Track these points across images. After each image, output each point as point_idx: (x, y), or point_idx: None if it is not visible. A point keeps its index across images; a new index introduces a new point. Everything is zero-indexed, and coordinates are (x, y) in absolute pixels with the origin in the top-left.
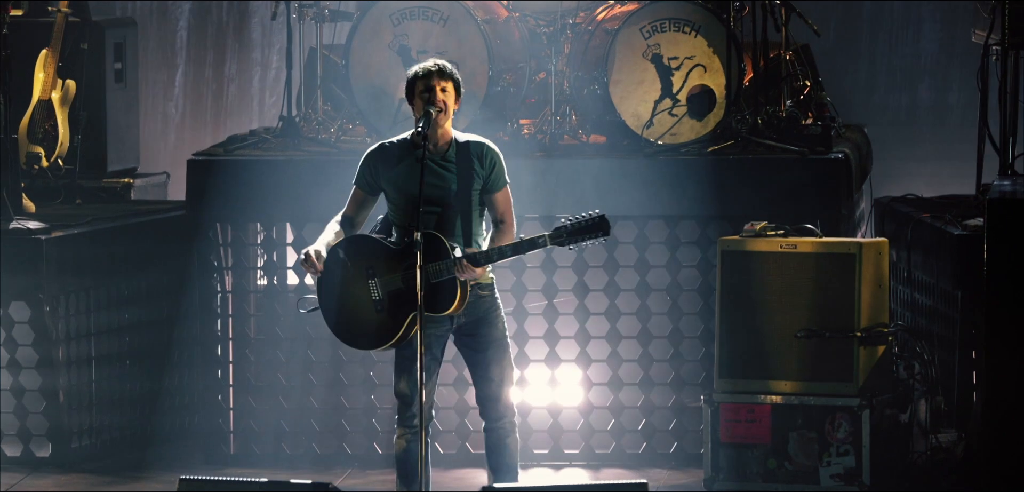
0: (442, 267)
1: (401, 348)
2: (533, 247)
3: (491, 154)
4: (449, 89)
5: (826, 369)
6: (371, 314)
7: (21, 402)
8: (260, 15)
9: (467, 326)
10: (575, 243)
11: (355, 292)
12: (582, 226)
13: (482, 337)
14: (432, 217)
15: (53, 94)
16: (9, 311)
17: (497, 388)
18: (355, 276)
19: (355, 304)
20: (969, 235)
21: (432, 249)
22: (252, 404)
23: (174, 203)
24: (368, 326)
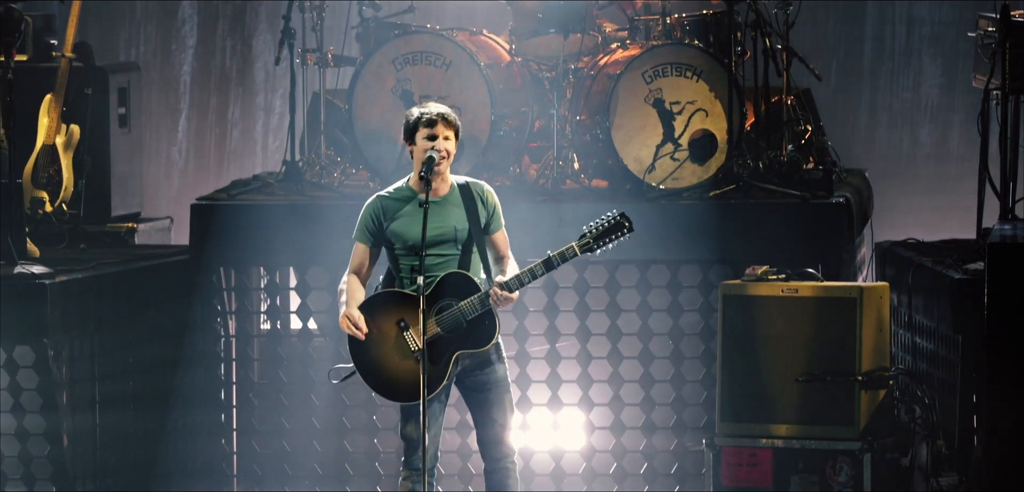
0: (476, 302)
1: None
2: (564, 260)
3: (490, 194)
4: (451, 137)
5: (827, 413)
6: (412, 365)
7: (25, 446)
8: (263, 60)
9: (470, 368)
10: (602, 246)
11: (392, 349)
12: (606, 228)
13: (484, 379)
14: (451, 259)
15: (57, 139)
16: (13, 355)
17: (499, 430)
18: (388, 333)
19: (395, 360)
20: (970, 279)
21: (462, 287)
22: (255, 448)
23: (178, 248)
24: (411, 376)
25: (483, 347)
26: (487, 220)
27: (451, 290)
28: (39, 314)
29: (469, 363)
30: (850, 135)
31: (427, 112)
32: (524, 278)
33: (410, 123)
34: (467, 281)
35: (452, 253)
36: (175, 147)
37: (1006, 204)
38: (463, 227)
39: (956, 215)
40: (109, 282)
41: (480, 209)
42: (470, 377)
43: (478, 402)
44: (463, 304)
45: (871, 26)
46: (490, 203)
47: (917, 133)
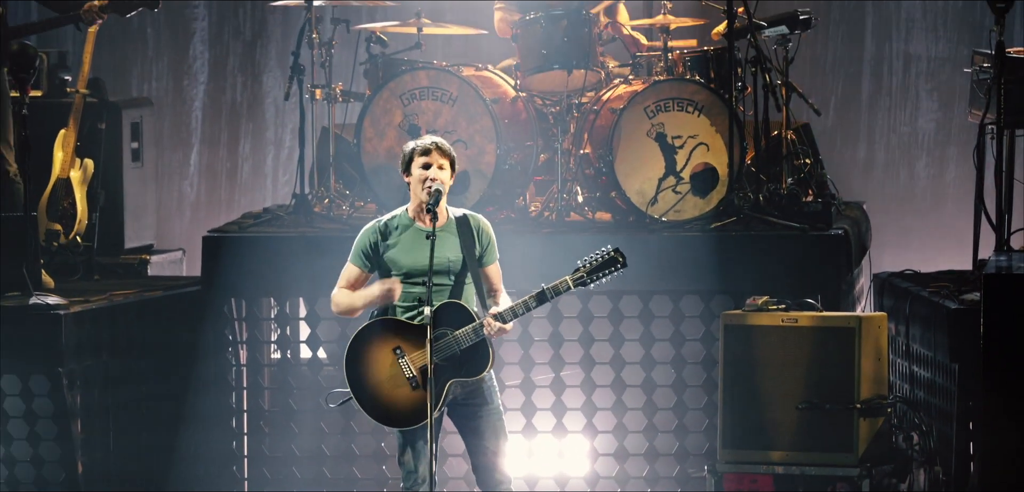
0: (470, 332)
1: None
2: (557, 294)
3: (484, 226)
4: (446, 166)
5: (827, 440)
6: (408, 392)
7: (41, 472)
8: (273, 95)
9: (462, 397)
10: (595, 280)
11: (388, 375)
12: (599, 263)
13: (477, 408)
14: (444, 288)
15: (72, 173)
16: (29, 383)
17: (492, 458)
18: (384, 360)
19: (390, 387)
20: (966, 309)
21: (457, 317)
22: (266, 474)
23: (190, 279)
24: (407, 403)
25: (476, 376)
26: (481, 253)
27: (446, 319)
28: (54, 343)
29: (461, 392)
30: (848, 168)
31: (422, 142)
32: (517, 310)
33: (406, 154)
34: (462, 311)
35: (445, 283)
36: (187, 180)
37: (1001, 236)
38: (457, 258)
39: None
40: (122, 312)
41: (475, 242)
42: (463, 407)
43: (471, 431)
44: (458, 333)
45: (869, 62)
46: (485, 237)
47: (914, 167)
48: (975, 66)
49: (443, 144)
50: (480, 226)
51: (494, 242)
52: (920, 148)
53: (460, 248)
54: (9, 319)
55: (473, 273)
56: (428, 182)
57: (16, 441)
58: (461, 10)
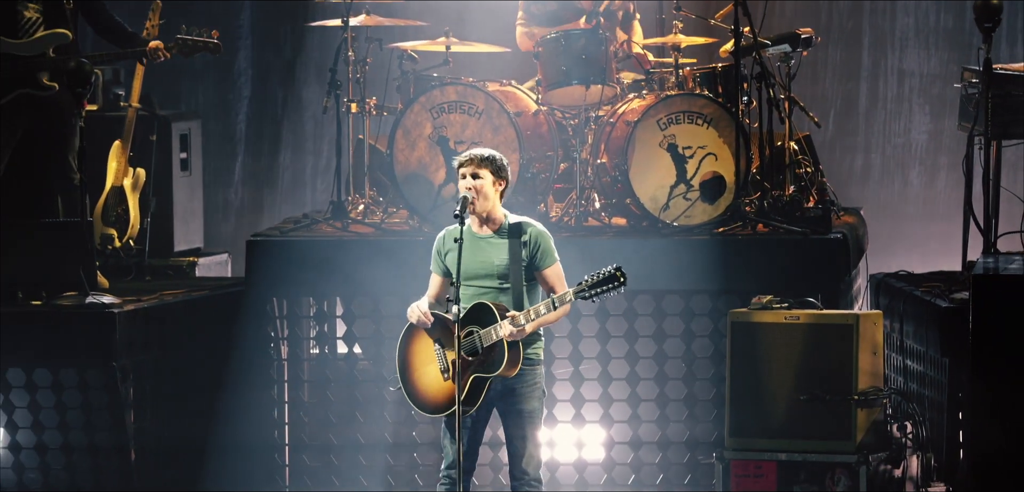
0: (491, 332)
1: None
2: (562, 303)
3: (534, 233)
4: (483, 174)
5: (826, 429)
6: (441, 382)
7: (96, 461)
8: (312, 109)
9: (501, 392)
10: (597, 295)
11: (428, 365)
12: (601, 280)
13: (512, 405)
14: (489, 291)
15: (125, 181)
16: (85, 377)
17: (520, 452)
18: (427, 351)
19: (429, 376)
20: (956, 308)
21: (484, 317)
22: (306, 461)
23: (234, 280)
24: (439, 393)
25: (493, 373)
26: (530, 257)
27: (475, 318)
28: (108, 340)
29: (500, 388)
30: (847, 177)
31: (461, 156)
32: (531, 315)
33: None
34: (489, 312)
35: (491, 286)
36: (231, 188)
37: (988, 239)
38: (503, 263)
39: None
40: (172, 311)
41: (523, 248)
42: (501, 402)
43: (510, 424)
44: (482, 332)
45: (866, 78)
46: (532, 242)
47: (908, 175)
48: (964, 81)
49: (476, 154)
50: (531, 233)
51: (546, 247)
52: (913, 158)
53: (507, 253)
54: (67, 317)
55: (515, 277)
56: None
57: (73, 430)
58: (486, 29)
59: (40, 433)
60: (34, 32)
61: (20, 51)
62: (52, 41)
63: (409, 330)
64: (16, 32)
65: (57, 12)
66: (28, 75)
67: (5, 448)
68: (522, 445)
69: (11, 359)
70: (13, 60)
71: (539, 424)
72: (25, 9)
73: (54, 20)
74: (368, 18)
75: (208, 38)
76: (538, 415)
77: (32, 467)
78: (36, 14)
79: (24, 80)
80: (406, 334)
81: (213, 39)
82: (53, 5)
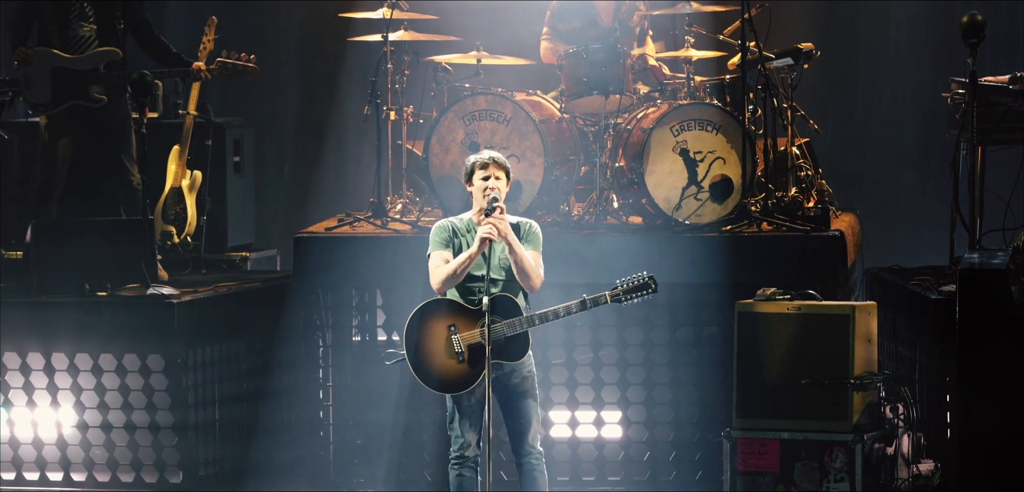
0: (516, 323)
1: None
2: (596, 306)
3: (528, 228)
4: (502, 177)
5: (825, 410)
6: (454, 364)
7: (157, 438)
8: (355, 116)
9: (504, 374)
10: (629, 300)
11: (440, 347)
12: (635, 286)
13: (515, 386)
14: (497, 282)
15: (183, 182)
16: (147, 362)
17: (523, 429)
18: (440, 334)
19: (441, 357)
20: (944, 299)
21: (507, 308)
22: (348, 439)
23: (283, 273)
24: (451, 373)
25: (515, 361)
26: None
27: (498, 309)
28: (168, 328)
29: (504, 371)
30: (844, 179)
31: (481, 157)
32: (560, 312)
33: (468, 167)
34: (513, 304)
35: (499, 277)
36: (281, 189)
37: (973, 237)
38: (507, 258)
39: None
40: (225, 301)
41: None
42: (503, 384)
43: (507, 406)
44: (504, 323)
45: (862, 88)
46: (525, 235)
47: (900, 177)
48: (952, 91)
49: (499, 158)
50: (525, 229)
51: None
52: (905, 161)
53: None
54: (130, 307)
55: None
56: (487, 191)
57: (135, 411)
58: (514, 44)
59: (105, 413)
60: (88, 49)
61: (75, 65)
62: (104, 57)
63: (420, 312)
64: (71, 48)
65: (109, 31)
66: (81, 88)
67: (73, 427)
68: (526, 424)
69: (79, 345)
70: (69, 74)
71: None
72: (80, 28)
73: (106, 38)
74: (406, 33)
75: (247, 62)
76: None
77: (98, 444)
78: (90, 32)
79: (77, 92)
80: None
81: (251, 64)
82: (105, 25)
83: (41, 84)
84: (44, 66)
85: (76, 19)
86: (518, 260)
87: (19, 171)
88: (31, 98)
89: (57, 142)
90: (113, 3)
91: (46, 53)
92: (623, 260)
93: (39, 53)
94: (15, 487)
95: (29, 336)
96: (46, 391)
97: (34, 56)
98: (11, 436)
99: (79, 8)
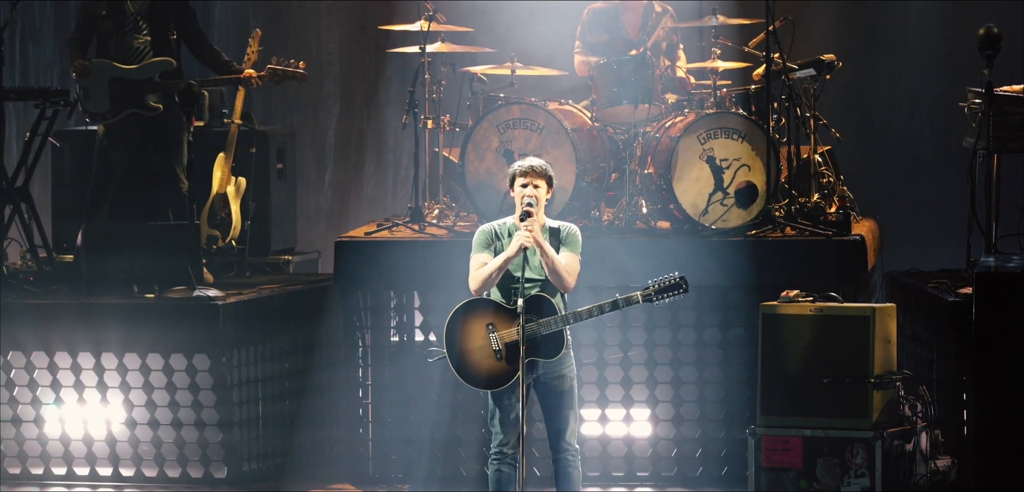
0: (551, 321)
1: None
2: (628, 305)
3: (568, 232)
4: (541, 185)
5: (846, 408)
6: (492, 361)
7: (202, 434)
8: (393, 125)
9: (543, 374)
10: (661, 300)
11: (479, 345)
12: (666, 286)
13: (555, 386)
14: (536, 283)
15: (228, 188)
16: (193, 361)
17: (561, 427)
18: (478, 331)
19: (479, 354)
20: (961, 301)
21: (543, 308)
22: (386, 434)
23: (324, 276)
24: (489, 370)
25: (551, 358)
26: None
27: (534, 308)
28: (214, 328)
29: (543, 371)
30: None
31: (522, 164)
32: (593, 311)
33: (511, 173)
34: (548, 304)
35: (537, 278)
36: (322, 195)
37: (989, 241)
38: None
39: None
40: (269, 303)
41: (560, 246)
42: (544, 382)
43: (547, 403)
44: (541, 322)
45: (882, 97)
46: (564, 239)
47: (918, 184)
48: (969, 101)
49: (538, 166)
50: (562, 232)
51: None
52: (923, 169)
53: None
54: (177, 309)
55: None
56: (525, 198)
57: (182, 408)
58: (547, 55)
59: (152, 411)
60: (143, 59)
61: (132, 75)
62: (159, 67)
63: (460, 311)
64: (128, 59)
65: (163, 42)
66: (137, 97)
67: (122, 424)
68: (565, 421)
69: (128, 345)
70: (126, 83)
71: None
72: (136, 40)
73: (161, 49)
74: (443, 45)
75: (296, 69)
76: (576, 392)
77: (145, 440)
78: (145, 44)
79: (134, 101)
80: (458, 314)
81: (300, 70)
82: (160, 35)
83: (99, 94)
84: (102, 77)
85: (131, 31)
86: (550, 263)
87: (71, 178)
88: (90, 108)
89: (112, 150)
90: (166, 15)
91: (104, 65)
92: (652, 263)
93: (97, 65)
94: (66, 482)
95: (80, 336)
96: (96, 389)
97: (93, 68)
98: (62, 433)
99: (134, 21)
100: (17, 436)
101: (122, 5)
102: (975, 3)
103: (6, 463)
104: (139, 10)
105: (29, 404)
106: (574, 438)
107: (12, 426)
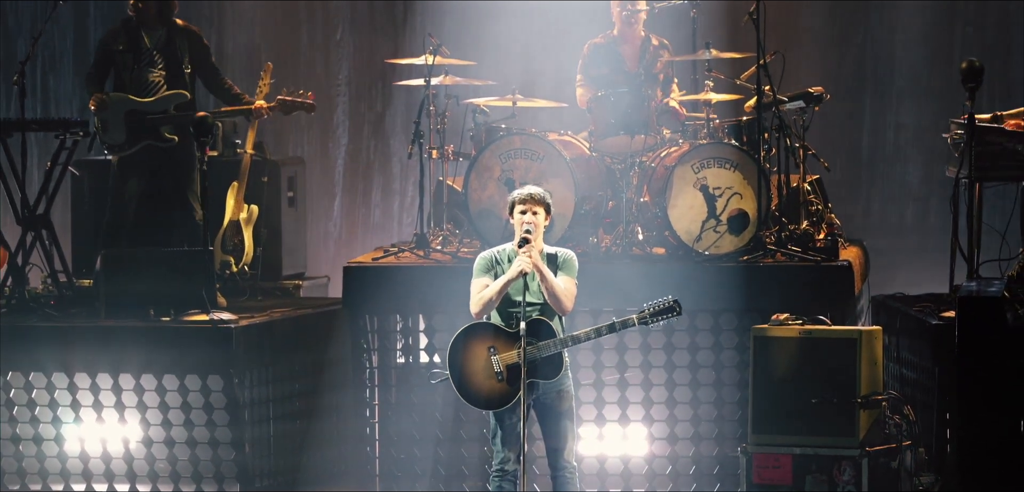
0: (550, 344)
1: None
2: (624, 328)
3: (565, 257)
4: (540, 212)
5: (834, 427)
6: (494, 383)
7: (216, 452)
8: (399, 155)
9: (544, 395)
10: (656, 322)
11: (480, 367)
12: (660, 309)
13: (554, 404)
14: (535, 307)
15: (241, 216)
16: (207, 382)
17: (560, 444)
18: (480, 354)
19: (481, 376)
20: (944, 324)
21: (542, 332)
22: (392, 453)
23: (333, 299)
24: (490, 391)
25: (550, 380)
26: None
27: (533, 332)
28: (227, 350)
29: (542, 391)
30: (852, 213)
31: (521, 192)
32: (590, 334)
33: (510, 201)
34: (547, 327)
35: (537, 302)
36: (331, 222)
37: (972, 266)
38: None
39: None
40: (280, 326)
41: (557, 270)
42: (543, 401)
43: (546, 422)
44: (541, 344)
45: (868, 129)
46: (561, 264)
47: (903, 212)
48: (951, 132)
49: (536, 194)
50: (560, 258)
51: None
52: (908, 197)
53: None
54: (192, 332)
55: None
56: (524, 225)
57: (197, 427)
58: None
59: (168, 430)
60: (158, 92)
61: (147, 108)
62: (173, 100)
63: (462, 334)
64: (144, 92)
65: (178, 75)
66: (152, 129)
67: (139, 442)
68: (563, 440)
69: (144, 367)
70: (141, 116)
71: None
72: (151, 73)
73: (175, 82)
74: (447, 78)
75: (304, 98)
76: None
77: (161, 458)
78: (160, 77)
79: (149, 133)
80: (461, 337)
81: (309, 100)
82: (175, 69)
83: (116, 127)
84: (119, 110)
85: (147, 65)
86: (548, 287)
87: (89, 205)
88: (107, 140)
89: (127, 180)
90: (182, 50)
91: (121, 98)
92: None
93: (114, 98)
94: None
95: (99, 358)
96: (114, 409)
97: (110, 101)
98: (82, 450)
99: (150, 55)
100: (38, 454)
101: (139, 40)
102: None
103: (28, 480)
104: (156, 44)
105: (50, 423)
106: (572, 455)
107: (33, 444)
